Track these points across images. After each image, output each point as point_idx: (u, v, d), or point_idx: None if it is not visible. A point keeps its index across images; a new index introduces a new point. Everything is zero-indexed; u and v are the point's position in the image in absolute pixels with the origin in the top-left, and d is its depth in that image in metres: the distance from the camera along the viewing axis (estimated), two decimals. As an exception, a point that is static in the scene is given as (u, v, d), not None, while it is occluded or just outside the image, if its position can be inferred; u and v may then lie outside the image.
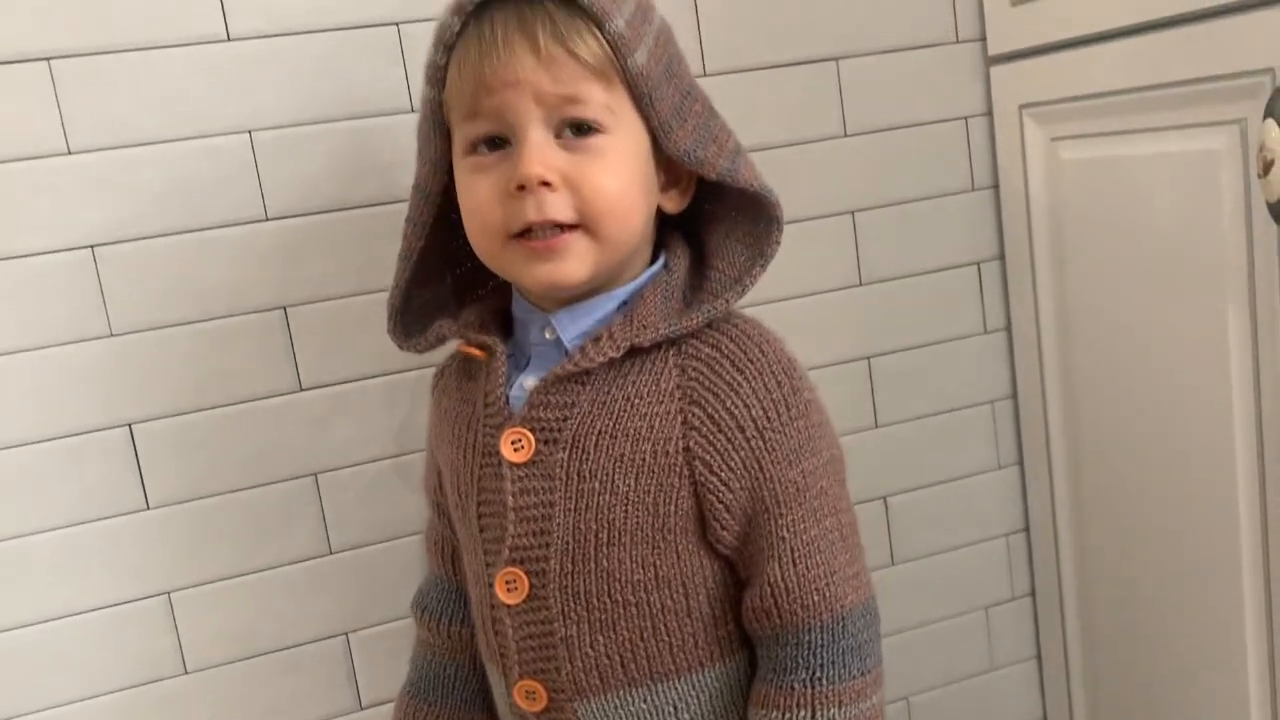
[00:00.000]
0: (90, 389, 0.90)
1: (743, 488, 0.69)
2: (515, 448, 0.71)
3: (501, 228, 0.69)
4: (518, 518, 0.71)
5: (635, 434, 0.69)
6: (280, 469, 0.95)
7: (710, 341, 0.71)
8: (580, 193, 0.68)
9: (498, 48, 0.67)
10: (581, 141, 0.69)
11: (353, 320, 0.96)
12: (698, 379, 0.70)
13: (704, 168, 0.71)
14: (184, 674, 0.95)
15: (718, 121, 0.74)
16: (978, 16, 1.10)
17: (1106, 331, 1.02)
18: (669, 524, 0.70)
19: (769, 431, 0.69)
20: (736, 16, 1.03)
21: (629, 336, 0.70)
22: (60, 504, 0.90)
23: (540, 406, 0.71)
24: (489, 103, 0.68)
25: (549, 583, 0.71)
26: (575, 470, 0.70)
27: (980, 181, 1.12)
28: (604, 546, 0.70)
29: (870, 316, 1.11)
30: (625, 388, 0.70)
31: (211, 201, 0.91)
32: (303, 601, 0.97)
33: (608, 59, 0.68)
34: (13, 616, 0.90)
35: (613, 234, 0.70)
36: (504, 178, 0.69)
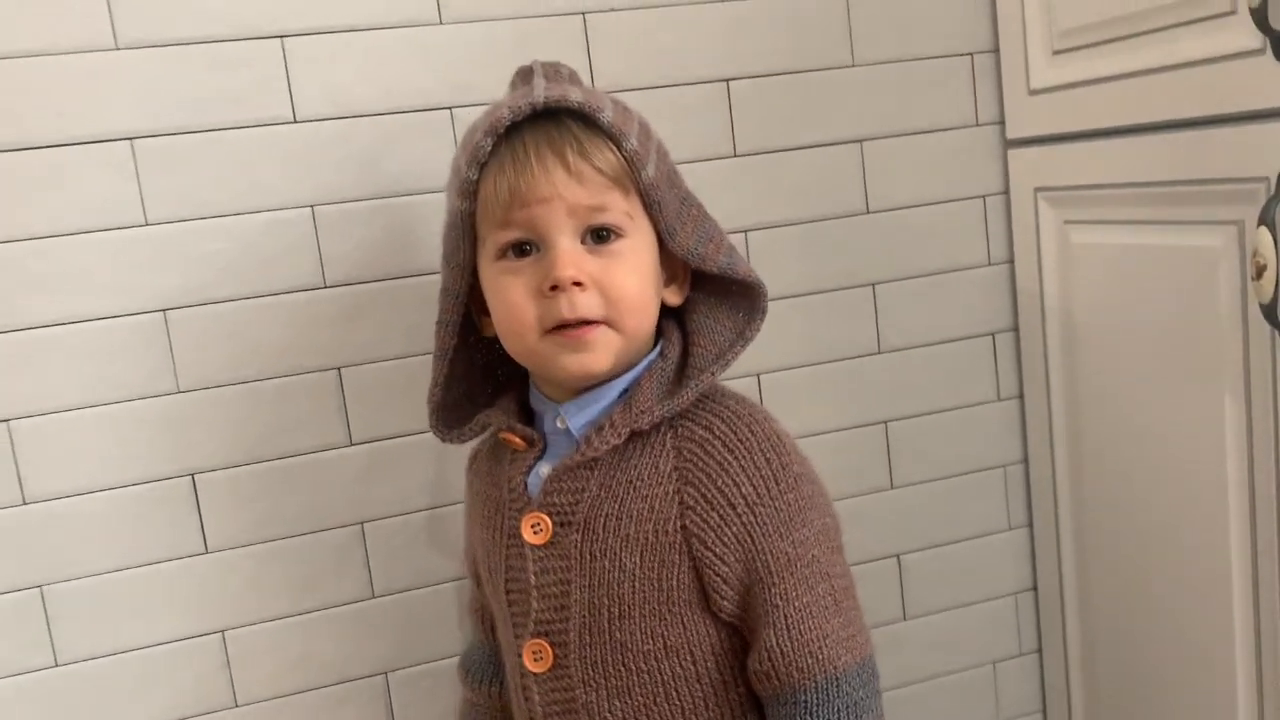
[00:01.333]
0: (158, 441, 0.97)
1: (737, 560, 0.75)
2: (535, 531, 0.78)
3: (536, 324, 0.76)
4: (540, 594, 0.78)
5: (638, 515, 0.76)
6: (329, 518, 1.02)
7: (703, 423, 0.77)
8: (607, 292, 0.75)
9: (531, 165, 0.74)
10: (604, 247, 0.76)
11: (400, 381, 1.02)
12: (691, 460, 0.76)
13: (705, 263, 0.79)
14: (234, 707, 1.02)
15: (711, 222, 0.81)
16: (997, 102, 1.16)
17: (1112, 405, 1.07)
18: (673, 596, 0.76)
19: (759, 506, 0.75)
20: (766, 101, 1.09)
21: (628, 423, 0.76)
22: (129, 546, 0.98)
23: (554, 493, 0.78)
24: (522, 215, 0.75)
25: (570, 653, 0.78)
26: (587, 550, 0.77)
27: (996, 257, 1.18)
28: (616, 619, 0.76)
29: (888, 382, 1.17)
30: (628, 471, 0.77)
31: (274, 270, 0.98)
32: (346, 642, 1.04)
33: (625, 172, 0.76)
34: (86, 648, 0.97)
35: (632, 327, 0.77)
36: (536, 279, 0.76)
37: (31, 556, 0.95)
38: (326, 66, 0.98)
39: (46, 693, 0.97)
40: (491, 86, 1.00)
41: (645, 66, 1.05)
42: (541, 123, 0.75)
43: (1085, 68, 1.03)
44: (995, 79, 1.15)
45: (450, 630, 1.07)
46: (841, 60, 1.11)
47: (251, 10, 0.95)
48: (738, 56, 1.08)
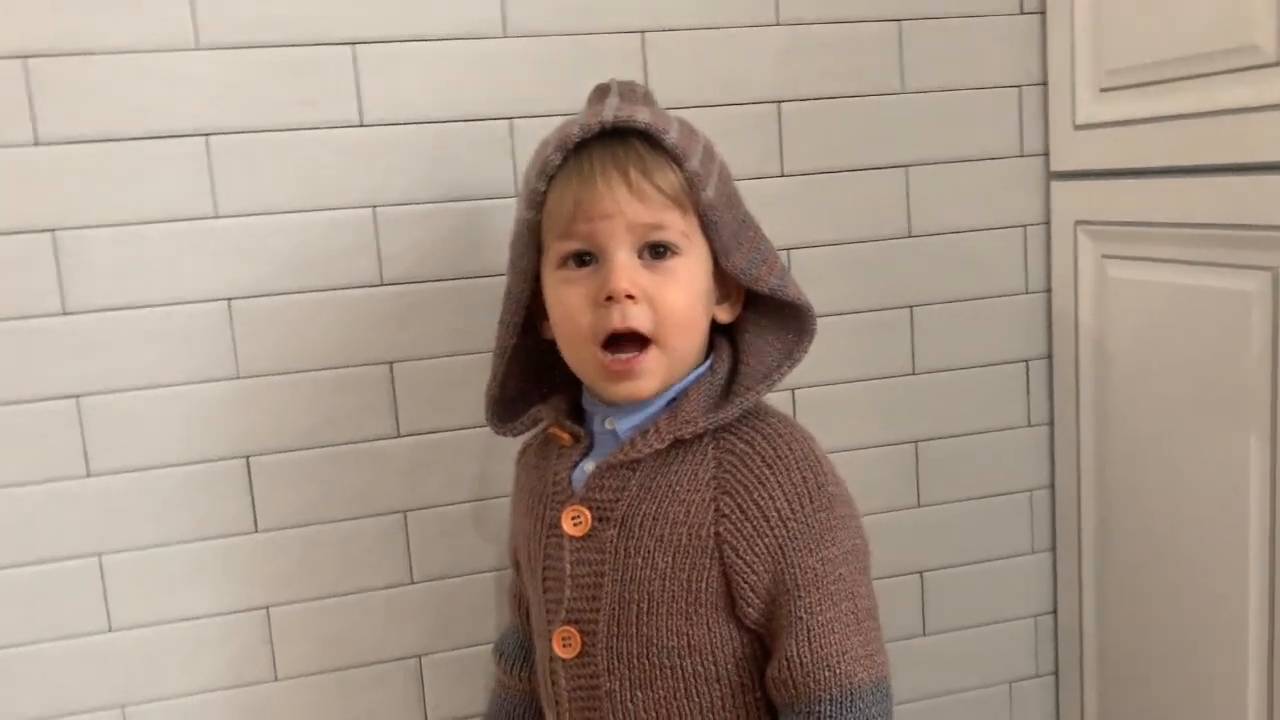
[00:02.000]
0: (217, 423, 1.02)
1: (766, 570, 0.78)
2: (574, 523, 0.82)
3: (590, 332, 0.80)
4: (574, 584, 0.82)
5: (674, 518, 0.80)
6: (375, 505, 1.07)
7: (745, 438, 0.81)
8: (657, 307, 0.79)
9: (596, 181, 0.78)
10: (659, 263, 0.80)
11: (448, 378, 1.07)
12: (731, 471, 0.80)
13: (757, 284, 0.82)
14: (274, 681, 1.07)
15: (766, 244, 0.85)
16: (1043, 134, 1.18)
17: (1140, 437, 1.09)
18: (700, 599, 0.80)
19: (791, 521, 0.78)
20: (816, 124, 1.12)
21: (673, 430, 0.80)
22: (183, 522, 1.03)
23: (596, 489, 0.82)
24: (584, 227, 0.79)
25: (598, 642, 0.81)
26: (622, 546, 0.81)
27: (1034, 285, 1.20)
28: (644, 615, 0.80)
29: (921, 403, 1.19)
30: (668, 475, 0.81)
31: (335, 267, 1.03)
32: (384, 625, 1.09)
33: (685, 192, 0.79)
34: (137, 616, 1.03)
35: (678, 344, 0.81)
36: (593, 289, 0.79)
37: (92, 526, 1.00)
38: (394, 74, 1.02)
39: (97, 656, 1.02)
40: (550, 99, 1.05)
41: (700, 85, 1.09)
42: (609, 141, 0.78)
43: (1131, 107, 1.05)
44: (1042, 112, 1.18)
45: (482, 618, 1.11)
46: (892, 87, 1.14)
47: (325, 18, 1.00)
48: (790, 79, 1.11)
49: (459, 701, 1.11)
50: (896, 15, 1.13)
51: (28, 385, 0.98)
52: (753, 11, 1.09)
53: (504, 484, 1.08)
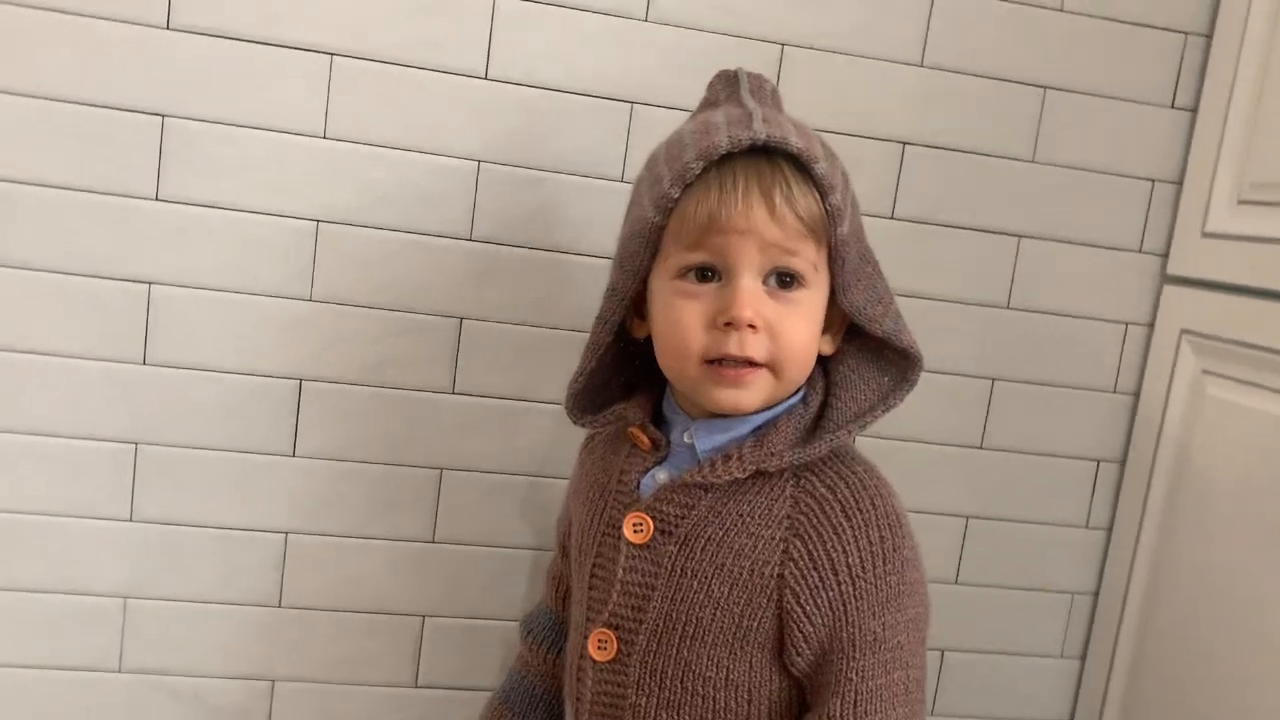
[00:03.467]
0: (278, 340, 1.02)
1: (824, 624, 0.75)
2: (636, 529, 0.79)
3: (700, 353, 0.76)
4: (623, 589, 0.79)
5: (739, 549, 0.76)
6: (413, 455, 1.05)
7: (827, 481, 0.77)
8: (777, 339, 0.75)
9: (737, 198, 0.74)
10: (785, 293, 0.76)
11: (515, 345, 1.05)
12: (807, 514, 0.76)
13: (871, 324, 0.78)
14: (276, 606, 1.06)
15: (883, 283, 0.81)
16: (1166, 234, 1.13)
17: (1203, 563, 1.05)
18: (749, 636, 0.76)
19: (860, 580, 0.74)
20: (937, 173, 1.09)
21: (756, 461, 0.76)
22: (225, 429, 1.02)
23: (665, 501, 0.78)
24: (716, 241, 0.75)
25: (634, 653, 0.78)
26: (680, 565, 0.77)
27: (1123, 386, 1.16)
28: (688, 638, 0.77)
29: (981, 479, 1.15)
30: (741, 504, 0.77)
31: (428, 211, 1.02)
32: (395, 577, 1.07)
33: (823, 224, 0.75)
34: (160, 512, 1.02)
35: (792, 375, 0.77)
36: (712, 309, 0.75)
37: (136, 414, 1.00)
38: (527, 34, 1.01)
39: (113, 543, 1.02)
40: (676, 91, 1.03)
41: (829, 109, 1.06)
42: (754, 156, 0.74)
43: (1268, 224, 1.01)
44: (1171, 212, 1.13)
45: (495, 593, 1.09)
46: (1022, 153, 1.10)
47: (474, -37, 0.99)
48: (921, 123, 1.08)
49: (452, 670, 1.09)
50: (1043, 81, 1.09)
51: (105, 262, 0.98)
52: (899, 47, 1.06)
53: (548, 462, 1.07)
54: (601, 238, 1.04)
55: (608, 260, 1.01)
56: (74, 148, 0.96)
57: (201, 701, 1.05)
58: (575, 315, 1.05)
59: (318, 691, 1.07)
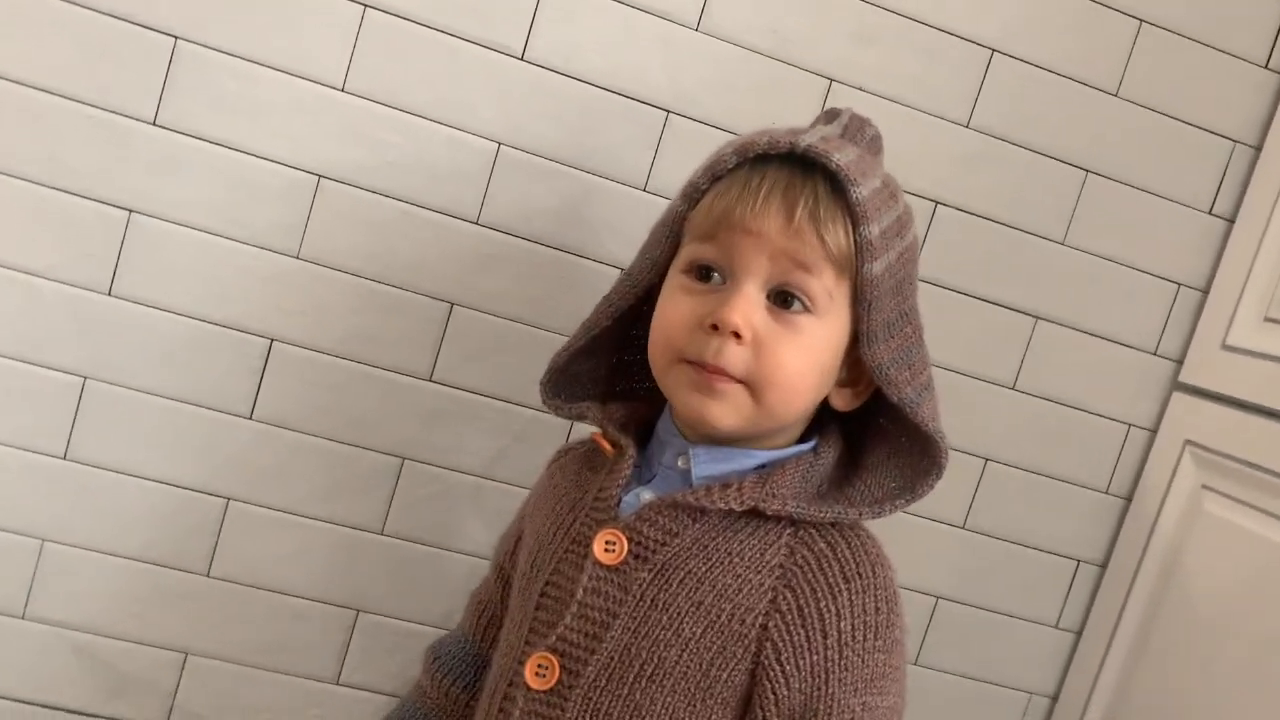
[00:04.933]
0: (257, 293, 0.95)
1: (800, 690, 0.68)
2: (607, 548, 0.72)
3: (678, 350, 0.71)
4: (579, 611, 0.71)
5: (721, 589, 0.70)
6: (377, 439, 0.99)
7: (828, 539, 0.71)
8: (762, 357, 0.70)
9: (757, 199, 0.69)
10: (786, 314, 0.70)
11: (504, 342, 0.99)
12: (803, 567, 0.70)
13: (890, 388, 0.72)
14: (204, 575, 0.98)
15: (921, 352, 0.75)
16: (1183, 341, 1.10)
17: (1177, 678, 1.01)
18: (714, 687, 0.70)
19: (848, 650, 0.69)
20: (963, 238, 1.05)
21: (756, 498, 0.70)
22: (182, 379, 0.95)
23: (647, 521, 0.72)
24: (726, 238, 0.70)
25: (578, 685, 0.71)
26: (652, 595, 0.70)
27: (1116, 489, 1.12)
28: (645, 678, 0.70)
29: (955, 561, 1.11)
30: (730, 541, 0.71)
31: (437, 186, 0.96)
32: (335, 564, 1.00)
33: (848, 256, 0.70)
34: (98, 455, 0.95)
35: (773, 405, 0.71)
36: (704, 309, 0.70)
37: (91, 346, 0.93)
38: (572, 22, 0.96)
39: (44, 478, 0.94)
40: (715, 108, 0.99)
41: (866, 155, 1.02)
42: (794, 166, 0.70)
43: (1293, 346, 0.98)
44: (1192, 319, 1.10)
45: (438, 600, 1.02)
46: (1054, 233, 1.07)
47: (530, -61, 0.95)
48: (957, 185, 1.04)
49: (377, 672, 1.03)
50: (1086, 163, 1.06)
51: (86, 180, 0.92)
52: (949, 103, 1.03)
53: (518, 470, 1.01)
54: (614, 246, 0.99)
55: (616, 270, 0.97)
56: (76, 54, 0.90)
57: (104, 664, 0.97)
58: (572, 320, 0.98)
59: (231, 673, 1.00)
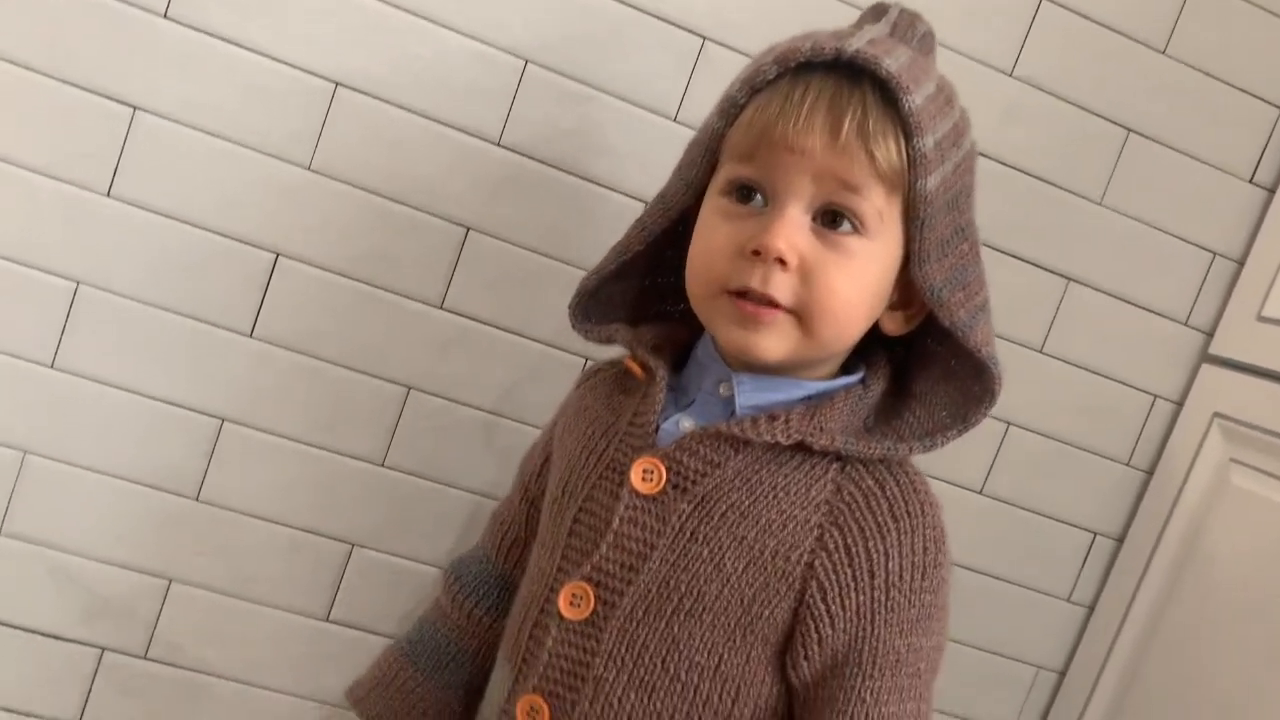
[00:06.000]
0: (263, 204, 0.90)
1: (845, 631, 0.66)
2: (645, 477, 0.68)
3: (721, 281, 0.67)
4: (615, 542, 0.68)
5: (766, 524, 0.66)
6: (382, 366, 0.95)
7: (876, 476, 0.68)
8: (812, 284, 0.65)
9: (801, 113, 0.64)
10: (835, 235, 0.66)
11: (521, 272, 0.95)
12: (850, 504, 0.67)
13: (942, 310, 0.68)
14: (193, 500, 0.94)
15: (977, 270, 0.71)
16: (1216, 312, 1.07)
17: (1193, 655, 0.98)
18: (755, 625, 0.67)
19: (895, 590, 0.66)
20: (998, 192, 1.01)
21: (805, 431, 0.66)
22: (178, 288, 0.90)
23: (688, 451, 0.68)
24: (767, 157, 0.66)
25: (614, 617, 0.68)
26: (692, 528, 0.67)
27: (1138, 461, 1.09)
28: (683, 612, 0.67)
29: (970, 528, 1.07)
30: (775, 475, 0.67)
31: (462, 102, 0.92)
32: (331, 495, 0.96)
33: (900, 171, 0.65)
34: (87, 366, 0.90)
35: (824, 335, 0.67)
36: (745, 235, 0.66)
37: (85, 249, 0.88)
38: (612, -63, 0.92)
39: (26, 387, 0.89)
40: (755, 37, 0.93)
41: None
42: (839, 74, 0.65)
43: (1334, 317, 0.95)
44: (1225, 290, 1.07)
45: (436, 538, 0.98)
46: (1092, 193, 1.03)
47: None
48: (997, 134, 1.00)
49: (370, 611, 0.98)
50: (1128, 123, 1.02)
51: (91, 72, 0.86)
52: (994, 50, 0.99)
53: (527, 405, 0.97)
54: (639, 176, 0.95)
55: (640, 203, 0.93)
56: (85, -64, 0.85)
57: (82, 586, 0.92)
58: (592, 253, 0.94)
59: (216, 603, 0.95)
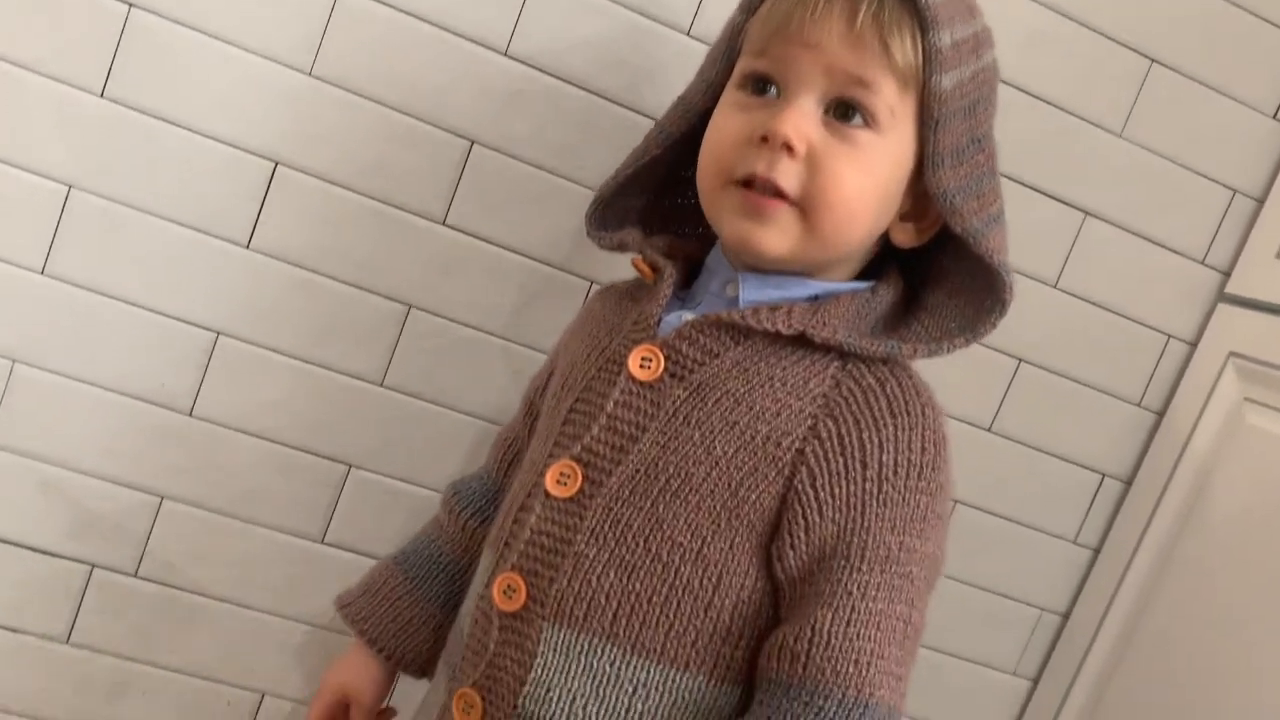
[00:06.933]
0: (264, 110, 0.88)
1: (833, 520, 0.65)
2: (643, 365, 0.69)
3: (728, 169, 0.68)
4: (607, 424, 0.68)
5: (759, 411, 0.66)
6: (383, 283, 0.92)
7: (878, 374, 0.67)
8: (817, 175, 0.66)
9: (817, 4, 0.65)
10: (845, 128, 0.66)
11: (524, 189, 0.92)
12: (848, 398, 0.66)
13: (954, 217, 0.68)
14: (186, 415, 0.91)
15: (993, 183, 0.71)
16: (1234, 251, 1.05)
17: (1199, 597, 0.97)
18: (740, 510, 0.66)
19: (888, 485, 0.65)
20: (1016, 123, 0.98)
21: (806, 323, 0.67)
22: (175, 195, 0.87)
23: (686, 340, 0.69)
24: (780, 50, 0.67)
25: (599, 494, 0.67)
26: (685, 414, 0.67)
27: (1150, 403, 1.07)
28: (668, 493, 0.66)
29: (977, 466, 1.05)
30: (774, 367, 0.67)
31: (467, 8, 0.88)
32: (329, 413, 0.93)
33: (915, 67, 0.66)
34: (78, 272, 0.87)
35: (827, 230, 0.67)
36: (755, 124, 0.67)
37: (78, 150, 0.85)
38: None
39: (19, 294, 0.86)
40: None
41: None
42: None
43: (1357, 255, 0.93)
44: (1244, 228, 1.05)
45: (435, 461, 0.95)
46: (1113, 124, 1.01)
47: None
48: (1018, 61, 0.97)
49: (365, 533, 0.96)
50: (1152, 52, 1.00)
51: (86, -36, 0.83)
52: (1017, -21, 0.97)
53: (529, 329, 0.95)
54: (650, 94, 0.92)
55: (651, 119, 0.90)
56: None
57: (72, 501, 0.90)
58: (601, 172, 0.92)
59: (209, 522, 0.93)
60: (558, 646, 0.66)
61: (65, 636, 0.91)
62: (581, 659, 0.66)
